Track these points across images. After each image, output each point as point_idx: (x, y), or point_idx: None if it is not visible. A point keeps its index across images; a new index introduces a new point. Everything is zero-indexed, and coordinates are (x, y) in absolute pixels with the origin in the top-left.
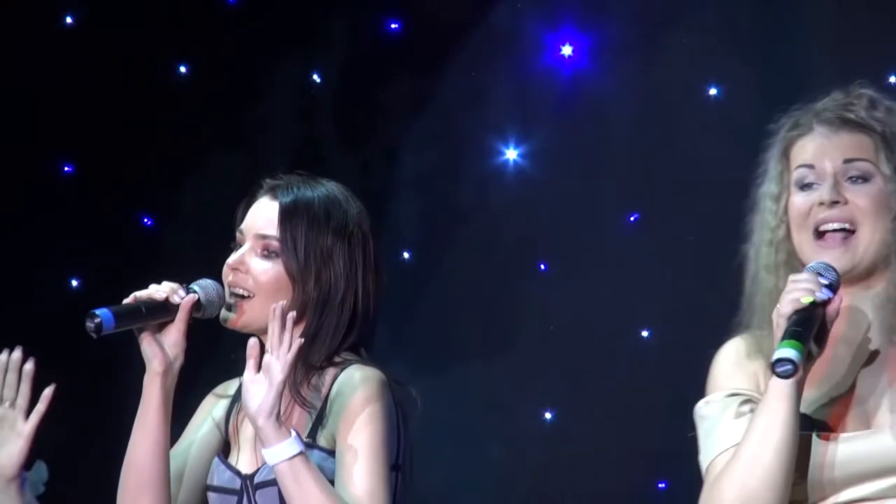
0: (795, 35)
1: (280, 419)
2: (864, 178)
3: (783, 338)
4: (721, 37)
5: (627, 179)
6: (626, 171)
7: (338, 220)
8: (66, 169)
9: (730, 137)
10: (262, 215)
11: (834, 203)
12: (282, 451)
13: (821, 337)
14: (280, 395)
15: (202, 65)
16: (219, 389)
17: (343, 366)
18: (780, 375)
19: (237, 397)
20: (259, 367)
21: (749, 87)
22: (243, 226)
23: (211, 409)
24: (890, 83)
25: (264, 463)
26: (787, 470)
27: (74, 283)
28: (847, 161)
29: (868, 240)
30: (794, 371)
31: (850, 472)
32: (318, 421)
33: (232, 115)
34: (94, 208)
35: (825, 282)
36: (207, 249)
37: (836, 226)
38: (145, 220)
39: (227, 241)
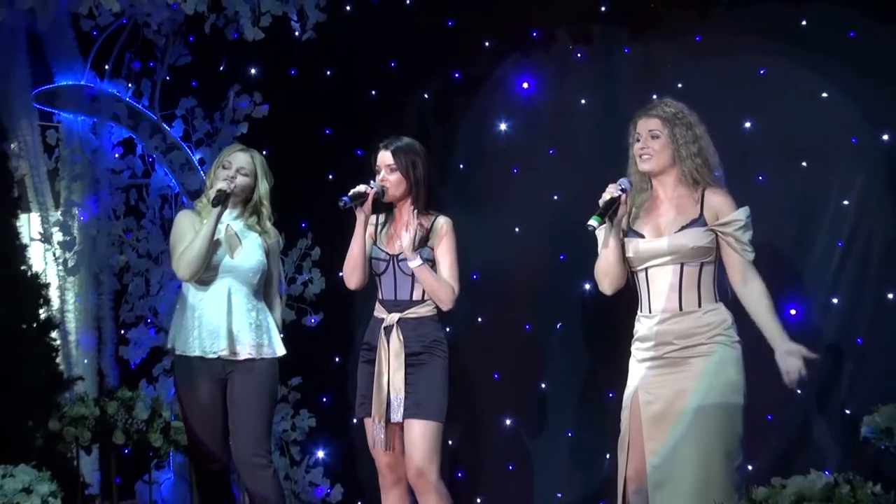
0: (631, 72)
1: (415, 250)
2: (657, 136)
3: (595, 214)
4: (591, 76)
5: (550, 135)
6: (549, 132)
7: (416, 148)
8: (326, 131)
9: (590, 124)
10: (386, 155)
11: (644, 148)
12: (415, 262)
13: (615, 212)
14: (412, 240)
15: (379, 94)
16: (371, 219)
17: (436, 215)
18: (589, 230)
19: (377, 223)
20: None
21: (608, 99)
22: (378, 163)
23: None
24: (678, 88)
25: (402, 250)
26: (616, 259)
27: (330, 177)
28: (649, 131)
29: (658, 159)
30: (594, 230)
31: (647, 255)
32: (427, 236)
33: (389, 115)
34: (338, 149)
35: (621, 188)
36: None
37: (645, 155)
38: (358, 152)
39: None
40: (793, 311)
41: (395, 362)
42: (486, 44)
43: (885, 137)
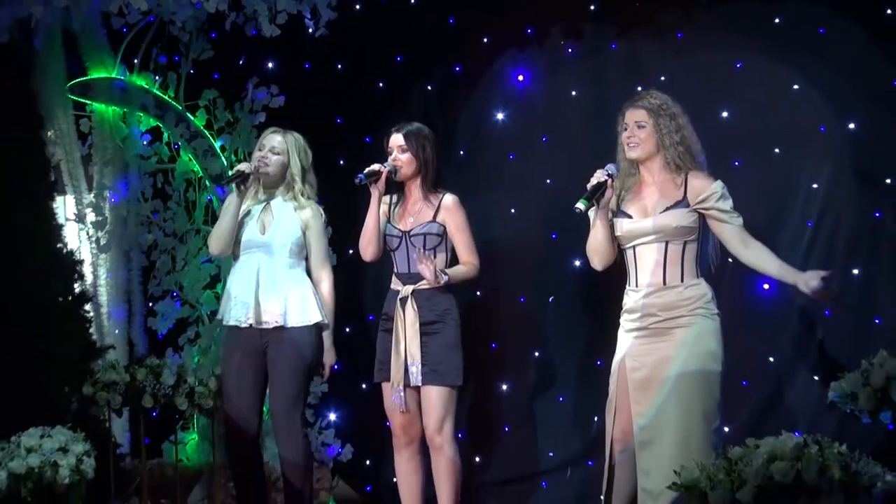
0: (618, 66)
1: (439, 275)
2: (643, 126)
3: (582, 197)
4: (582, 70)
5: (543, 124)
6: (542, 121)
7: (425, 132)
8: (338, 120)
9: (580, 114)
10: (398, 138)
11: (630, 137)
12: (442, 280)
13: (602, 195)
14: (434, 276)
15: (386, 86)
16: (385, 199)
17: (443, 193)
18: (576, 213)
19: (390, 203)
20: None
21: (596, 91)
22: (390, 145)
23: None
24: (661, 81)
25: (413, 226)
26: (604, 238)
27: (341, 162)
28: (636, 122)
29: (644, 147)
30: (581, 213)
31: (634, 234)
32: (436, 213)
33: (396, 106)
34: (348, 136)
35: (607, 173)
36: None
37: (632, 144)
38: (367, 139)
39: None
40: (766, 286)
41: (411, 330)
42: (485, 40)
43: (851, 126)
